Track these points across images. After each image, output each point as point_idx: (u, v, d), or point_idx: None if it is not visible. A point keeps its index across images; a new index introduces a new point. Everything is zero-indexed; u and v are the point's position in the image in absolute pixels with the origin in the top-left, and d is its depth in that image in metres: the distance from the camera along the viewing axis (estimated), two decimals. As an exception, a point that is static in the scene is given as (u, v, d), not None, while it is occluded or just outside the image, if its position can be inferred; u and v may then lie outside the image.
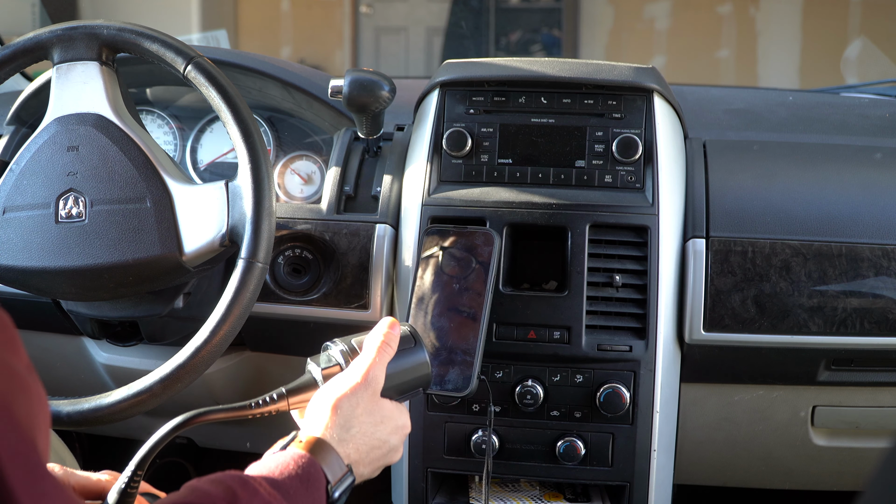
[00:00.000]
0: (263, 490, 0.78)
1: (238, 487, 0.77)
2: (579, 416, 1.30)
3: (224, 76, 1.20)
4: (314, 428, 0.90)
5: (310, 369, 0.98)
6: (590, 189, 1.32)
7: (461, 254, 1.26)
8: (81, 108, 1.22)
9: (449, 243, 1.27)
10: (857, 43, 3.94)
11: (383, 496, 1.45)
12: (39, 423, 0.60)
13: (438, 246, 1.27)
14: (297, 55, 6.59)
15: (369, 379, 0.94)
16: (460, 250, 1.26)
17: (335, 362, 0.98)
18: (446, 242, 1.27)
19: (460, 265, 1.25)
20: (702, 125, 1.52)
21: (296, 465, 0.83)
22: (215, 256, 1.22)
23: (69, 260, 1.18)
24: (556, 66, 1.36)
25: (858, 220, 1.30)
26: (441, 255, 1.26)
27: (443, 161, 1.35)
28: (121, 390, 1.16)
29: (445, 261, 1.26)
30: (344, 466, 0.88)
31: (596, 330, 1.29)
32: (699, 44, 6.14)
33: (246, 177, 1.15)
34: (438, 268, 1.26)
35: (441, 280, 1.24)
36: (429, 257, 1.27)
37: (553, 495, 1.37)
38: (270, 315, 1.37)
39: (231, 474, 0.79)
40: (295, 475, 0.82)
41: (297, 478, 0.82)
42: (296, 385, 0.96)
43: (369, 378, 0.94)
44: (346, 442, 0.90)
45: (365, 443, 0.92)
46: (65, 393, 1.21)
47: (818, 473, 1.52)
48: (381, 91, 1.30)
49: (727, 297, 1.28)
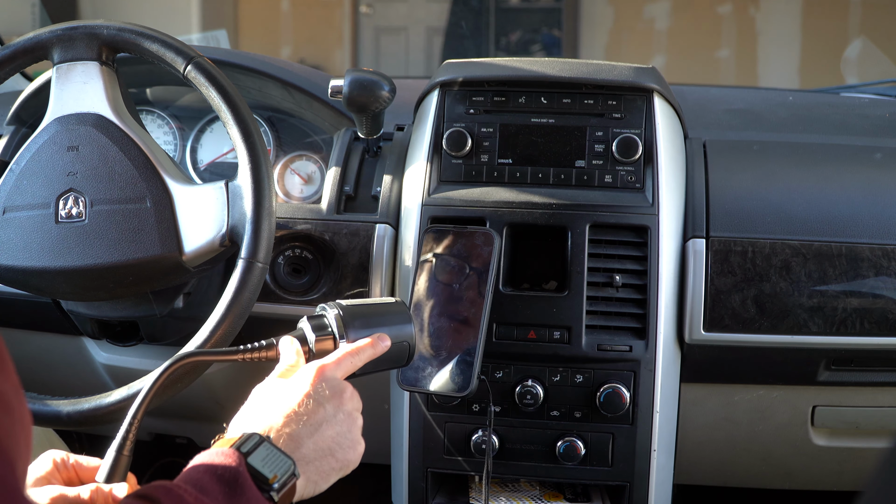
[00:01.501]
0: (189, 496, 0.75)
1: (162, 496, 0.75)
2: (579, 416, 1.30)
3: (224, 76, 1.20)
4: (250, 422, 0.87)
5: (302, 327, 0.99)
6: (590, 189, 1.32)
7: (461, 254, 1.26)
8: (81, 108, 1.22)
9: (449, 243, 1.27)
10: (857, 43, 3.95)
11: (383, 496, 1.45)
12: (20, 446, 0.59)
13: (438, 246, 1.27)
14: (297, 55, 6.59)
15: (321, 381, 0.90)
16: (460, 250, 1.26)
17: (329, 331, 0.98)
18: (446, 242, 1.27)
19: (460, 265, 1.25)
20: (702, 125, 1.52)
21: (220, 463, 0.79)
22: (215, 256, 1.22)
23: (69, 260, 1.18)
24: (556, 66, 1.36)
25: (858, 220, 1.30)
26: (441, 255, 1.26)
27: (443, 161, 1.35)
28: (121, 390, 1.16)
29: (445, 261, 1.26)
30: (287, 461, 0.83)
31: (596, 330, 1.28)
32: (699, 44, 6.14)
33: (246, 177, 1.15)
34: (438, 268, 1.26)
35: (441, 280, 1.24)
36: (429, 257, 1.27)
37: (553, 495, 1.37)
38: (270, 315, 1.37)
39: (155, 484, 0.77)
40: (218, 475, 0.78)
41: (221, 479, 0.78)
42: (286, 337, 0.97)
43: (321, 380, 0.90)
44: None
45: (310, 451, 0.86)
46: (65, 393, 1.22)
47: (818, 473, 1.52)
48: (381, 91, 1.30)
49: (727, 297, 1.28)
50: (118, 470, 0.89)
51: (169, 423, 1.74)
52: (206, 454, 0.82)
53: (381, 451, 1.42)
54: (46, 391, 1.22)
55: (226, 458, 0.80)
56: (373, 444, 1.08)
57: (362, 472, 0.98)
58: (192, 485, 0.77)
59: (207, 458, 0.81)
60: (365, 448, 0.93)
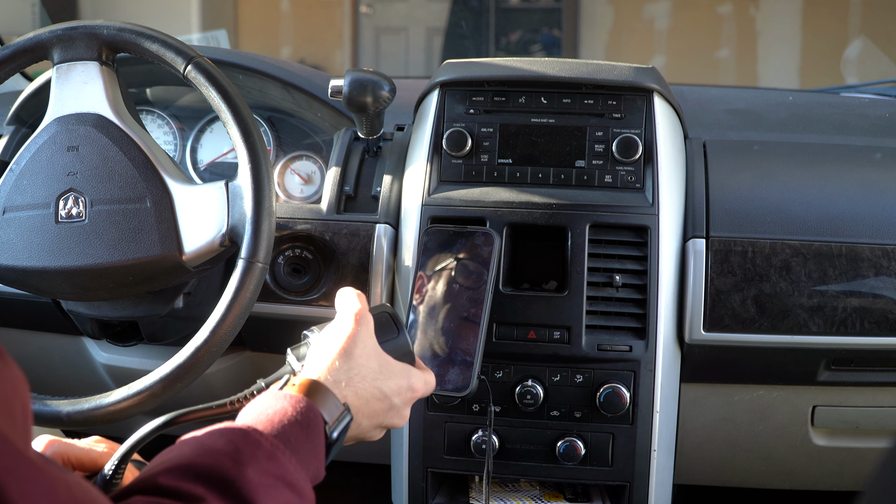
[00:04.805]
0: (266, 441, 0.77)
1: (240, 441, 0.76)
2: (579, 416, 1.30)
3: (224, 76, 1.20)
4: (311, 370, 0.90)
5: (289, 360, 0.98)
6: (590, 189, 1.32)
7: (461, 254, 1.26)
8: (81, 108, 1.22)
9: (449, 243, 1.27)
10: (857, 43, 3.95)
11: (383, 496, 1.45)
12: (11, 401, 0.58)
13: (438, 246, 1.27)
14: (297, 55, 6.59)
15: (361, 320, 0.94)
16: (460, 250, 1.26)
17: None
18: (446, 242, 1.27)
19: (460, 265, 1.25)
20: (702, 125, 1.52)
21: (294, 409, 0.82)
22: (215, 256, 1.22)
23: (69, 260, 1.18)
24: (556, 66, 1.36)
25: (858, 220, 1.30)
26: (441, 255, 1.26)
27: (443, 161, 1.35)
28: (121, 390, 1.16)
29: (445, 261, 1.26)
30: (340, 406, 0.87)
31: (596, 330, 1.28)
32: (699, 44, 6.14)
33: (246, 177, 1.15)
34: (438, 268, 1.26)
35: (441, 280, 1.24)
36: (429, 257, 1.27)
37: (553, 495, 1.37)
38: (270, 315, 1.37)
39: (231, 427, 0.78)
40: (294, 421, 0.81)
41: (297, 423, 0.81)
42: (274, 377, 0.96)
43: (361, 319, 0.94)
44: (342, 384, 0.89)
45: (364, 388, 0.91)
46: (65, 393, 1.22)
47: (818, 473, 1.52)
48: (381, 91, 1.30)
49: (727, 297, 1.28)
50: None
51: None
52: (279, 401, 0.83)
53: (381, 450, 1.42)
54: (46, 391, 1.22)
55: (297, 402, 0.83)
56: (373, 444, 1.08)
57: (362, 472, 0.98)
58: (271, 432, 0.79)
59: (278, 404, 0.83)
60: (365, 448, 0.94)
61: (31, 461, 0.57)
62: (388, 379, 0.94)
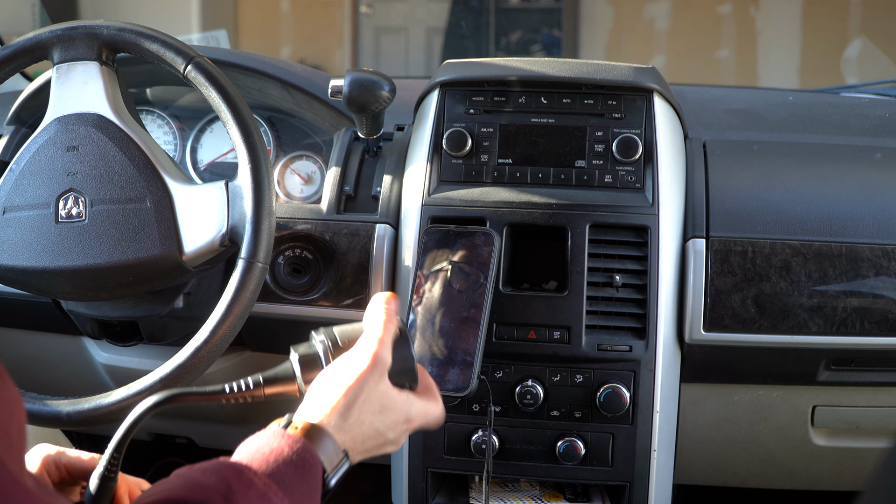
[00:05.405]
0: (259, 480, 0.75)
1: (232, 478, 0.74)
2: (579, 416, 1.30)
3: (224, 76, 1.20)
4: (313, 412, 0.87)
5: (291, 360, 0.95)
6: (590, 189, 1.32)
7: (461, 254, 1.26)
8: (81, 108, 1.22)
9: (449, 243, 1.27)
10: (857, 43, 3.94)
11: (383, 496, 1.45)
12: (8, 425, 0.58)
13: (438, 246, 1.27)
14: (297, 55, 6.59)
15: (377, 362, 0.89)
16: (460, 250, 1.26)
17: (315, 357, 0.94)
18: (446, 242, 1.27)
19: (460, 265, 1.25)
20: (702, 125, 1.52)
21: (291, 450, 0.80)
22: (215, 256, 1.22)
23: (69, 260, 1.18)
24: (556, 66, 1.36)
25: (858, 220, 1.30)
26: (441, 255, 1.26)
27: (443, 161, 1.35)
28: (121, 390, 1.16)
29: (445, 261, 1.26)
30: (340, 453, 0.84)
31: (596, 330, 1.29)
32: (699, 44, 6.14)
33: (246, 177, 1.15)
34: (438, 268, 1.26)
35: (441, 280, 1.24)
36: (428, 257, 1.27)
37: (553, 495, 1.37)
38: (270, 315, 1.37)
39: (224, 463, 0.77)
40: (290, 461, 0.79)
41: (293, 464, 0.79)
42: (273, 375, 0.93)
43: (377, 361, 0.89)
44: (342, 430, 0.86)
45: (361, 432, 0.88)
46: (65, 393, 1.22)
47: (818, 473, 1.52)
48: (381, 91, 1.30)
49: (727, 297, 1.28)
50: (104, 497, 0.88)
51: (168, 423, 1.74)
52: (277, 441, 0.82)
53: (381, 451, 1.41)
54: (46, 391, 1.22)
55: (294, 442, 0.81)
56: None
57: (362, 472, 0.98)
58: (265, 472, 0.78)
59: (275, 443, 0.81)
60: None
61: (26, 489, 0.56)
62: (386, 417, 0.90)
